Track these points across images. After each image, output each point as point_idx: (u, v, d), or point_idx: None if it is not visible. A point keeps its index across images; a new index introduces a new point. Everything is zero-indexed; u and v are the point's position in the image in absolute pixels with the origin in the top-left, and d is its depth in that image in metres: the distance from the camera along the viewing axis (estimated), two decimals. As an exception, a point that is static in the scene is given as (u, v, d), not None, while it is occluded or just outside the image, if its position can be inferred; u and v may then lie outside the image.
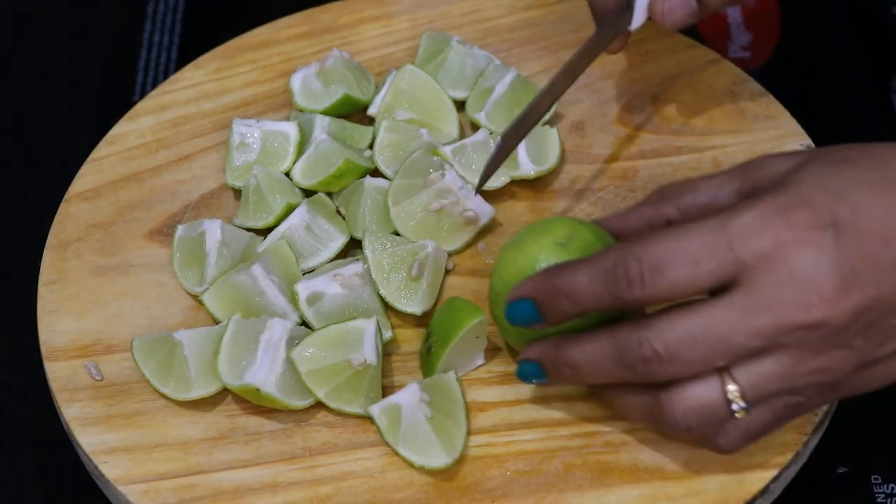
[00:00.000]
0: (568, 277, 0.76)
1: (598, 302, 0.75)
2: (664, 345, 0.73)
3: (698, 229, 0.73)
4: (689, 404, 0.74)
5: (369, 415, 0.84)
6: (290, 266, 0.91)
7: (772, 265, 0.72)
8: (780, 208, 0.73)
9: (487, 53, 1.01)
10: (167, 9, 1.23)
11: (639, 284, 0.73)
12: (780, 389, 0.74)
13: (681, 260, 0.73)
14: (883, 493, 0.92)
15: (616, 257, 0.74)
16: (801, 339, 0.72)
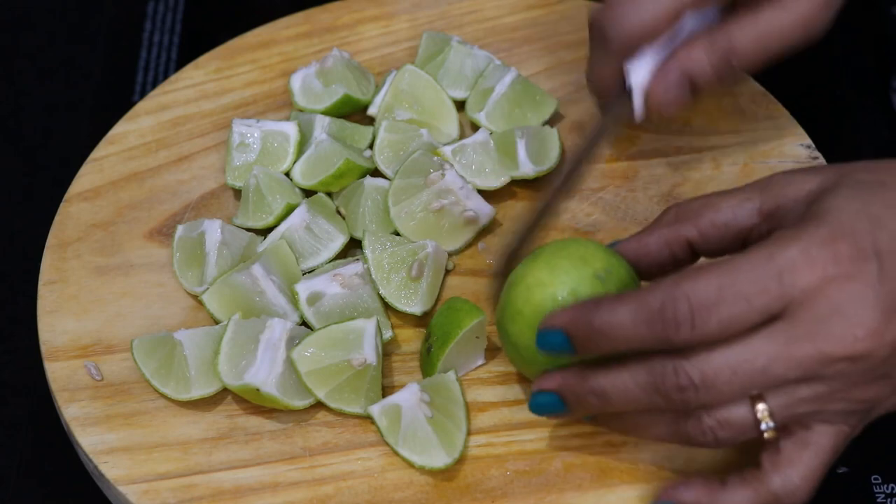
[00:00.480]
0: (608, 315, 0.73)
1: (640, 343, 0.73)
2: (701, 375, 0.72)
3: (746, 265, 0.72)
4: (717, 420, 0.74)
5: (369, 415, 0.84)
6: (290, 266, 0.91)
7: (816, 298, 0.72)
8: (825, 240, 0.72)
9: (487, 53, 1.01)
10: (167, 9, 1.23)
11: (688, 325, 0.71)
12: (810, 412, 0.74)
13: (732, 298, 0.71)
14: (883, 493, 0.92)
15: (663, 297, 0.72)
16: (841, 371, 0.72)
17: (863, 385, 0.73)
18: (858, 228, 0.72)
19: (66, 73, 1.19)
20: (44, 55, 1.21)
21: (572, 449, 0.83)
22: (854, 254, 0.72)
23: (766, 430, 0.74)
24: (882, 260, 0.72)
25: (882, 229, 0.72)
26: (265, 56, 1.05)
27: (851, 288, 0.72)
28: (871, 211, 0.73)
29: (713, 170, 0.95)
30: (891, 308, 0.72)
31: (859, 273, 0.72)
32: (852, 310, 0.72)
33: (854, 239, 0.72)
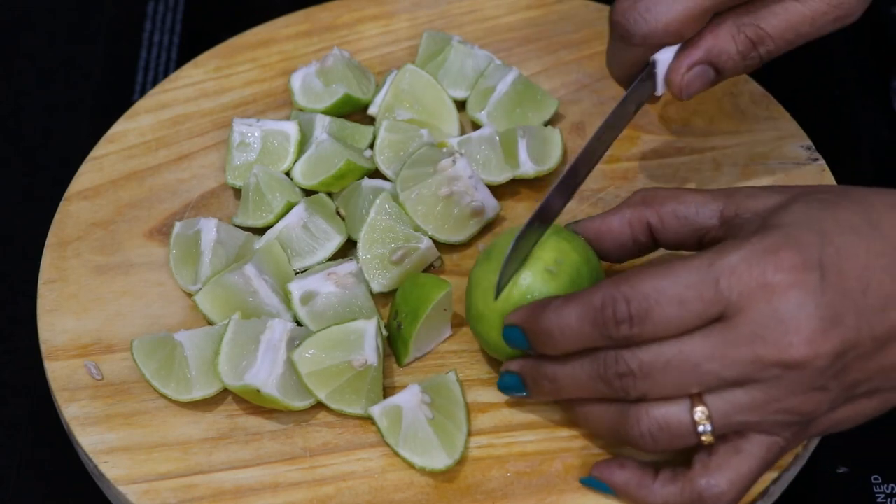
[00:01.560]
0: (555, 317, 0.77)
1: (585, 341, 0.76)
2: (639, 363, 0.74)
3: (685, 268, 0.74)
4: (656, 419, 0.75)
5: (370, 416, 0.84)
6: (283, 266, 0.91)
7: (756, 304, 0.73)
8: (768, 249, 0.73)
9: (488, 53, 1.01)
10: (167, 9, 1.23)
11: (627, 325, 0.74)
12: (748, 421, 0.74)
13: (667, 301, 0.73)
14: (883, 493, 0.92)
15: (604, 297, 0.75)
16: (776, 377, 0.73)
17: (800, 395, 0.74)
18: (804, 240, 0.73)
19: (66, 73, 1.19)
20: (44, 55, 1.21)
21: (573, 450, 0.83)
22: (797, 263, 0.73)
23: (703, 433, 0.75)
24: (825, 272, 0.73)
25: (829, 244, 0.73)
26: (265, 55, 1.05)
27: (791, 295, 0.72)
28: (821, 226, 0.74)
29: (713, 171, 0.95)
30: (830, 320, 0.72)
31: (801, 282, 0.73)
32: (790, 316, 0.72)
33: (799, 249, 0.73)
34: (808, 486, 0.91)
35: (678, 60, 0.85)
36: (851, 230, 0.74)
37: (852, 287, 0.73)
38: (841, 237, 0.74)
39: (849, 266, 0.73)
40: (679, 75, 0.85)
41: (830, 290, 0.73)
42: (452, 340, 0.89)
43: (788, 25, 0.84)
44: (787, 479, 0.82)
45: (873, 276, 0.73)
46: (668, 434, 0.75)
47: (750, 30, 0.84)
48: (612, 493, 0.80)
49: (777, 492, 0.82)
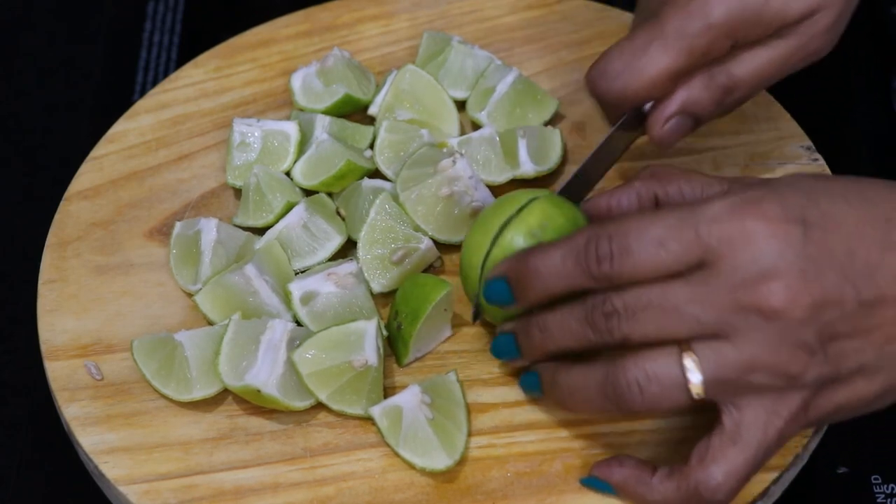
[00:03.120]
0: (540, 257, 0.78)
1: (568, 279, 0.77)
2: (623, 304, 0.75)
3: (669, 214, 0.75)
4: (644, 367, 0.75)
5: (370, 416, 0.84)
6: (283, 266, 0.91)
7: (736, 249, 0.73)
8: (751, 199, 0.74)
9: (488, 53, 1.01)
10: (167, 9, 1.23)
11: (607, 261, 0.75)
12: (738, 380, 0.74)
13: (648, 240, 0.74)
14: (883, 493, 0.92)
15: (588, 235, 0.76)
16: (757, 327, 0.73)
17: (783, 349, 0.73)
18: (789, 196, 0.74)
19: (66, 73, 1.19)
20: (44, 55, 1.21)
21: (573, 450, 0.83)
22: (780, 215, 0.73)
23: (694, 385, 0.74)
24: (808, 228, 0.73)
25: (815, 206, 0.74)
26: (265, 55, 1.05)
27: (773, 244, 0.73)
28: (810, 189, 0.74)
29: (713, 171, 0.95)
30: (810, 272, 0.72)
31: (782, 232, 0.73)
32: (769, 264, 0.72)
33: (783, 203, 0.73)
34: (808, 486, 0.91)
35: (655, 114, 0.87)
36: (842, 198, 0.74)
37: (837, 249, 0.73)
38: (829, 202, 0.74)
39: (834, 228, 0.73)
40: (658, 128, 0.87)
41: (812, 246, 0.73)
42: (453, 340, 0.89)
43: (758, 70, 0.86)
44: (787, 479, 0.82)
45: (860, 244, 0.73)
46: (657, 384, 0.74)
47: (722, 78, 0.86)
48: (613, 492, 0.80)
49: (777, 492, 0.82)
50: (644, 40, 0.85)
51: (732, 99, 0.87)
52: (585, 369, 0.77)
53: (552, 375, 0.80)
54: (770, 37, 0.85)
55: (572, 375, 0.78)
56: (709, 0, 0.83)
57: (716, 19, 0.83)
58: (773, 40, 0.85)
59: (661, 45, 0.84)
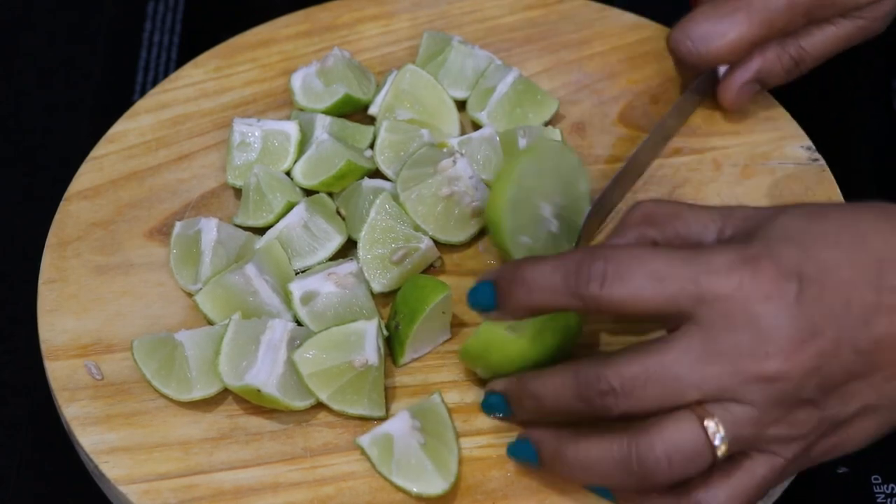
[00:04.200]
0: (530, 266, 0.77)
1: (554, 294, 0.75)
2: (620, 380, 0.74)
3: (670, 253, 0.74)
4: (670, 440, 0.74)
5: (359, 446, 0.83)
6: (284, 265, 0.91)
7: (731, 310, 0.73)
8: (748, 258, 0.73)
9: (488, 53, 1.01)
10: (167, 9, 1.23)
11: (598, 283, 0.74)
12: (751, 436, 0.74)
13: (645, 272, 0.74)
14: (883, 493, 0.92)
15: (584, 254, 0.75)
16: (760, 390, 0.73)
17: (790, 407, 0.73)
18: (785, 251, 0.74)
19: (66, 73, 1.19)
20: (44, 55, 1.21)
21: (573, 450, 0.83)
22: (775, 274, 0.73)
23: (718, 444, 0.73)
24: (804, 285, 0.73)
25: (811, 258, 0.74)
26: (265, 55, 1.05)
27: (768, 305, 0.73)
28: (803, 239, 0.74)
29: (713, 171, 0.95)
30: (807, 332, 0.73)
31: (777, 292, 0.73)
32: (766, 328, 0.73)
33: (778, 260, 0.73)
34: (808, 486, 0.91)
35: (730, 79, 0.96)
36: (835, 244, 0.74)
37: (833, 300, 0.73)
38: (824, 251, 0.74)
39: (830, 279, 0.73)
40: (731, 92, 0.96)
41: (808, 303, 0.73)
42: (453, 340, 0.89)
43: (826, 46, 0.96)
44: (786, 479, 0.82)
45: (855, 289, 0.73)
46: (682, 454, 0.74)
47: (793, 50, 0.95)
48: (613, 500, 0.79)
49: (777, 492, 0.82)
50: (731, 8, 0.93)
51: (798, 70, 0.96)
52: (599, 443, 0.76)
53: (554, 447, 0.78)
54: (840, 17, 0.94)
55: (582, 449, 0.77)
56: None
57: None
58: (842, 20, 0.94)
59: (745, 15, 0.93)
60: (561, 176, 0.89)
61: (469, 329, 0.89)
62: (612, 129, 0.99)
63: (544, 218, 0.88)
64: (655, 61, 1.02)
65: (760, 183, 0.94)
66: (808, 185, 0.94)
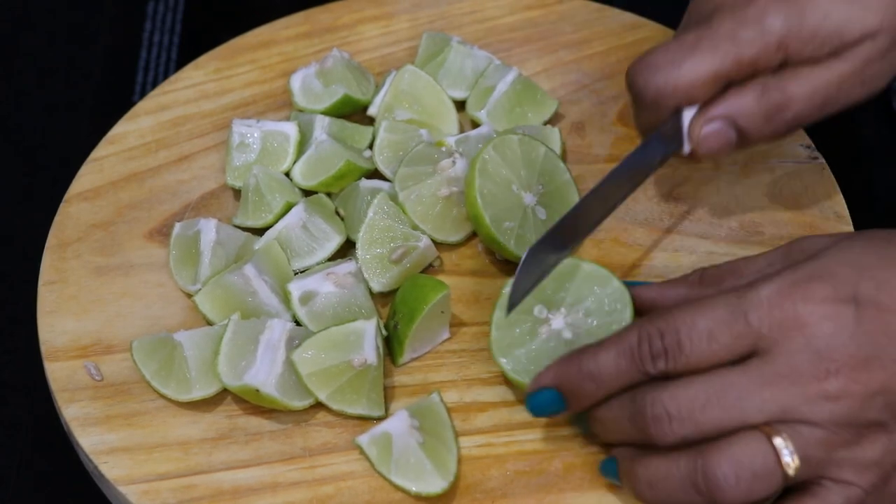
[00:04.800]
0: (592, 360, 0.76)
1: (625, 380, 0.75)
2: (677, 404, 0.73)
3: (716, 303, 0.74)
4: (738, 457, 0.72)
5: (358, 445, 0.83)
6: (283, 266, 0.91)
7: (789, 335, 0.72)
8: (798, 281, 0.73)
9: (487, 54, 1.01)
10: (167, 9, 1.23)
11: (662, 360, 0.74)
12: (823, 458, 0.72)
13: (698, 334, 0.73)
14: (883, 493, 0.92)
15: (639, 334, 0.75)
16: (826, 409, 0.72)
17: (857, 428, 0.72)
18: (838, 272, 0.73)
19: (66, 73, 1.19)
20: (44, 55, 1.21)
21: (572, 449, 0.83)
22: (830, 295, 0.72)
23: (787, 463, 0.72)
24: (861, 305, 0.72)
25: (869, 279, 0.72)
26: (265, 56, 1.05)
27: (825, 327, 0.72)
28: (860, 261, 0.73)
29: (713, 170, 0.95)
30: (868, 352, 0.72)
31: (834, 314, 0.72)
32: (825, 348, 0.72)
33: (832, 281, 0.72)
34: (808, 486, 0.91)
35: (698, 115, 0.84)
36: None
37: (893, 321, 0.72)
38: (884, 271, 0.72)
39: (890, 300, 0.72)
40: (699, 128, 0.84)
41: (867, 323, 0.72)
42: (452, 339, 0.89)
43: (813, 90, 0.82)
44: (786, 478, 0.82)
45: None
46: (750, 472, 0.72)
47: (775, 93, 0.83)
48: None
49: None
50: (693, 38, 0.82)
51: (783, 119, 0.83)
52: (667, 462, 0.75)
53: (629, 464, 0.77)
54: (828, 56, 0.82)
55: (651, 468, 0.75)
56: (767, 9, 0.81)
57: (771, 28, 0.81)
58: (831, 60, 0.82)
59: (710, 46, 0.81)
60: (535, 165, 0.91)
61: (469, 329, 0.89)
62: (611, 129, 0.99)
63: (527, 205, 0.90)
64: (655, 61, 1.02)
65: (760, 181, 0.94)
66: (807, 183, 0.94)
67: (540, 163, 0.91)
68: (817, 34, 0.81)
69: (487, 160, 0.89)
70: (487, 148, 0.89)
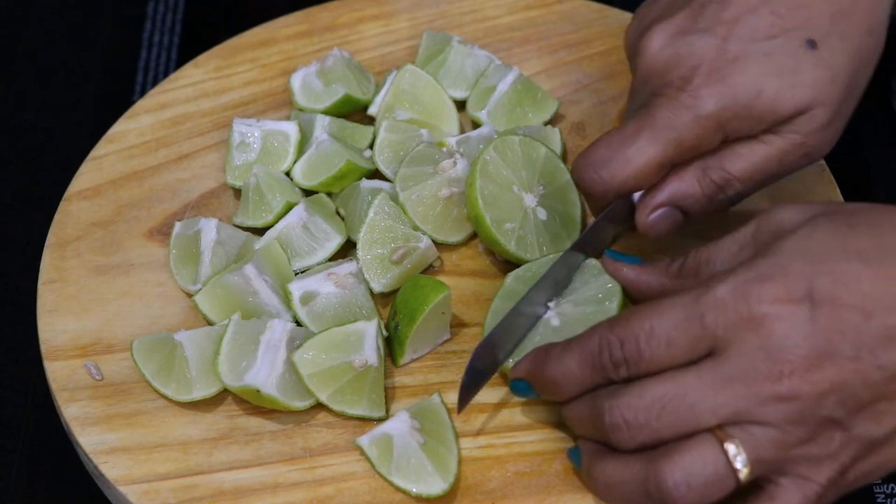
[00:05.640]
0: (557, 365, 0.78)
1: (589, 384, 0.77)
2: (633, 412, 0.74)
3: (675, 305, 0.74)
4: (689, 464, 0.73)
5: (358, 446, 0.83)
6: (283, 266, 0.91)
7: (743, 336, 0.72)
8: (753, 280, 0.73)
9: (488, 53, 1.01)
10: (167, 9, 1.22)
11: (624, 367, 0.75)
12: (776, 458, 0.73)
13: (657, 342, 0.74)
14: (883, 493, 0.92)
15: (601, 342, 0.76)
16: (780, 410, 0.72)
17: (813, 427, 0.72)
18: (794, 270, 0.72)
19: (66, 73, 1.19)
20: (44, 55, 1.20)
21: (572, 450, 0.83)
22: (783, 295, 0.72)
23: (739, 467, 0.72)
24: (816, 305, 0.72)
25: (826, 273, 0.72)
26: (265, 55, 1.05)
27: (777, 328, 0.72)
28: (820, 252, 0.73)
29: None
30: (821, 350, 0.71)
31: (786, 314, 0.72)
32: (777, 348, 0.72)
33: (787, 280, 0.72)
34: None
35: (643, 201, 0.85)
36: (857, 256, 0.72)
37: (850, 315, 0.71)
38: (843, 263, 0.72)
39: (847, 294, 0.72)
40: (644, 216, 0.85)
41: (822, 321, 0.72)
42: (452, 340, 0.89)
43: (754, 167, 0.84)
44: (786, 479, 0.82)
45: (877, 305, 0.71)
46: (702, 478, 0.73)
47: (715, 173, 0.84)
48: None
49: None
50: (633, 129, 0.83)
51: (726, 196, 0.85)
52: (622, 467, 0.75)
53: (590, 463, 0.78)
54: (766, 132, 0.83)
55: (608, 468, 0.76)
56: (699, 92, 0.82)
57: (706, 111, 0.82)
58: (769, 136, 0.83)
59: (649, 136, 0.82)
60: (536, 166, 0.91)
61: (469, 329, 0.89)
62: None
63: (528, 206, 0.90)
64: (655, 61, 1.02)
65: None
66: (807, 185, 0.94)
67: (541, 163, 0.91)
68: (752, 111, 0.82)
69: (488, 161, 0.90)
70: (488, 149, 0.90)
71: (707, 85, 0.82)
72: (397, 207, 0.91)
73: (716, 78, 0.82)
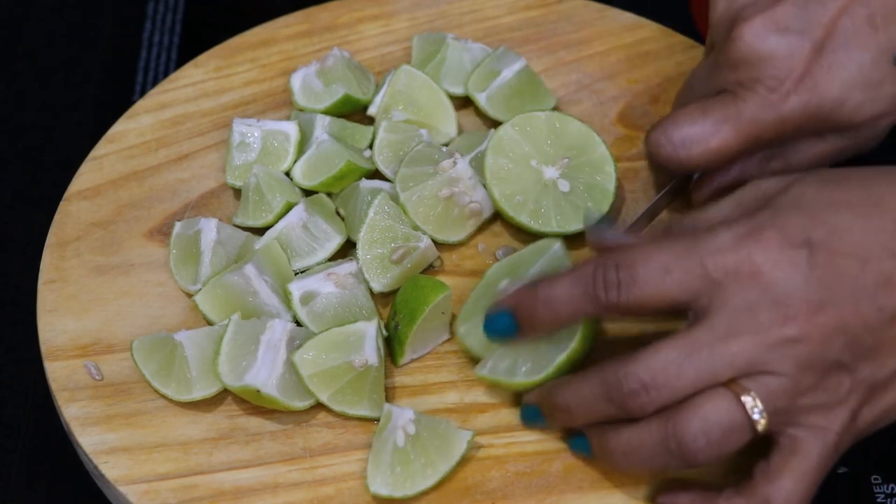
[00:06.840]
0: (548, 287, 0.78)
1: (576, 307, 0.77)
2: (651, 374, 0.74)
3: (674, 243, 0.76)
4: (706, 416, 0.74)
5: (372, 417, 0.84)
6: (283, 266, 0.91)
7: (744, 284, 0.74)
8: (752, 230, 0.74)
9: (482, 45, 1.01)
10: (167, 9, 1.22)
11: (615, 290, 0.75)
12: (790, 407, 0.74)
13: (654, 268, 0.75)
14: (883, 493, 0.92)
15: (595, 264, 0.77)
16: (788, 355, 0.73)
17: (821, 371, 0.74)
18: (791, 220, 0.74)
19: (66, 73, 1.19)
20: (44, 55, 1.20)
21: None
22: (781, 242, 0.74)
23: (757, 418, 0.74)
24: (814, 250, 0.74)
25: (819, 223, 0.74)
26: (265, 55, 1.05)
27: (778, 273, 0.73)
28: (813, 205, 0.75)
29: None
30: (822, 293, 0.73)
31: (787, 260, 0.74)
32: (780, 293, 0.73)
33: (784, 229, 0.74)
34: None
35: (709, 180, 0.91)
36: (847, 208, 0.75)
37: (845, 266, 0.74)
38: (835, 215, 0.74)
39: (842, 244, 0.74)
40: (706, 192, 0.91)
41: (820, 268, 0.73)
42: (453, 340, 0.89)
43: (811, 159, 0.89)
44: (786, 479, 0.82)
45: (871, 253, 0.74)
46: (719, 429, 0.74)
47: (777, 163, 0.89)
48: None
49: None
50: (718, 116, 0.87)
51: None
52: (639, 430, 0.76)
53: (600, 439, 0.79)
54: (831, 131, 0.88)
55: (623, 437, 0.77)
56: (790, 97, 0.86)
57: (791, 116, 0.86)
58: (833, 135, 0.88)
59: (733, 126, 0.87)
60: (563, 139, 0.93)
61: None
62: (611, 129, 0.99)
63: (548, 179, 0.92)
64: (655, 61, 1.02)
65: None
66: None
67: (570, 137, 0.93)
68: (830, 118, 0.86)
69: (503, 137, 0.92)
70: (505, 126, 0.92)
71: (797, 91, 0.85)
72: (397, 207, 0.91)
73: (807, 86, 0.85)
